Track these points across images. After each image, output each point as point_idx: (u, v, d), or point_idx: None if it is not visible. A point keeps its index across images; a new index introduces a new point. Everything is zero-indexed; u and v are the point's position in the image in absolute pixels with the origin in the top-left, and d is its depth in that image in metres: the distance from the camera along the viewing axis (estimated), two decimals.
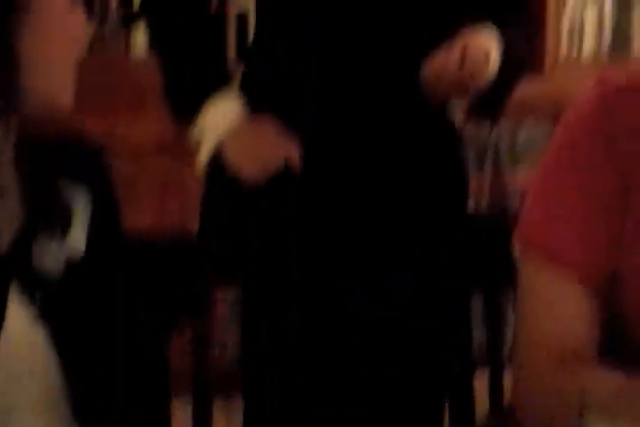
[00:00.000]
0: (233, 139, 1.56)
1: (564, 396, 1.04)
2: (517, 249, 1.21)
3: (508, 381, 1.26)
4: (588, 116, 1.16)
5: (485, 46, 1.52)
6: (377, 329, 1.61)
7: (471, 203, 3.40)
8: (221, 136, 1.55)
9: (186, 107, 1.60)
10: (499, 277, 1.51)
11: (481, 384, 1.59)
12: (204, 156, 1.59)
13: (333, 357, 1.59)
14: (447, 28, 1.59)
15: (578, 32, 4.13)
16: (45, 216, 1.07)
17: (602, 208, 1.14)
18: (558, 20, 3.82)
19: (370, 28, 1.58)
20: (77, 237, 1.10)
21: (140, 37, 3.38)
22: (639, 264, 1.14)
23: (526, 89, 3.48)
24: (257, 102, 1.60)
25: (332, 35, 1.58)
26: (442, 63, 1.49)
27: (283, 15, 1.61)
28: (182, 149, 1.75)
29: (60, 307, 1.06)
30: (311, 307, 1.58)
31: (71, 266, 1.08)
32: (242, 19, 3.03)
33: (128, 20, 3.42)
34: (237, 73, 1.71)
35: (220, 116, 1.56)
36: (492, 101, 1.57)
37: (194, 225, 1.67)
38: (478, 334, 1.64)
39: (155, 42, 1.72)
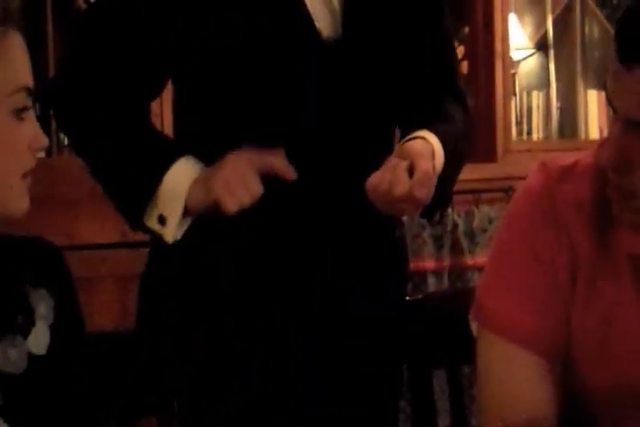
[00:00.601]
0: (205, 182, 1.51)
1: None
2: (474, 324, 1.24)
3: None
4: (533, 194, 1.21)
5: (431, 162, 1.44)
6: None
7: (433, 282, 3.44)
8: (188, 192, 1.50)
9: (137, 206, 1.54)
10: (462, 355, 1.53)
11: None
12: (173, 224, 1.52)
13: (333, 357, 1.58)
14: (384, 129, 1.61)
15: (526, 119, 4.23)
16: (7, 318, 1.08)
17: (552, 279, 1.18)
18: (507, 108, 3.91)
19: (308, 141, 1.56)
20: (40, 337, 1.12)
21: None
22: (588, 338, 1.17)
23: (480, 176, 3.57)
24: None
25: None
26: (386, 184, 1.40)
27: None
28: (142, 240, 1.73)
29: (22, 403, 1.07)
30: (311, 309, 1.57)
31: (34, 363, 1.09)
32: None
33: None
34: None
35: (179, 184, 1.51)
36: (436, 197, 1.48)
37: None
38: (443, 415, 1.65)
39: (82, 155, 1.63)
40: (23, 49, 1.10)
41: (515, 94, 4.14)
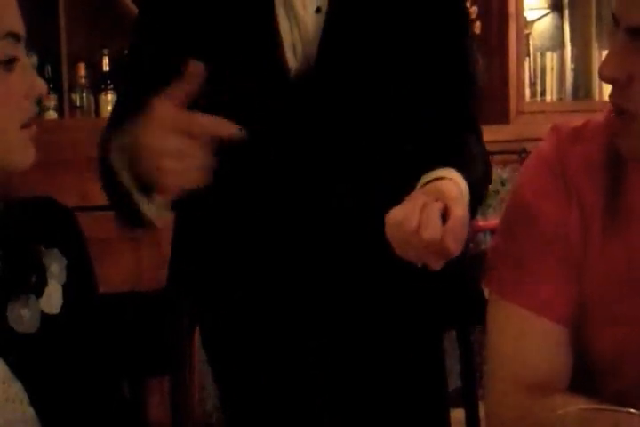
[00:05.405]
0: None
1: (535, 425, 1.06)
2: (485, 288, 1.24)
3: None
4: (544, 159, 1.21)
5: (466, 210, 1.23)
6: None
7: None
8: None
9: None
10: (472, 316, 1.54)
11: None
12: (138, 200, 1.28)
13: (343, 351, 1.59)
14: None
15: (540, 80, 4.20)
16: (20, 278, 1.09)
17: (564, 245, 1.18)
18: (520, 69, 3.89)
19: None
20: (53, 297, 1.12)
21: (109, 100, 3.44)
22: (601, 297, 1.17)
23: (493, 137, 3.55)
24: None
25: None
26: (414, 223, 1.18)
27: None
28: None
29: (35, 362, 1.08)
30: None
31: (47, 323, 1.10)
32: None
33: (97, 85, 3.46)
34: None
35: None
36: None
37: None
38: (454, 377, 1.66)
39: None
40: None
41: (528, 55, 4.11)
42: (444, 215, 1.19)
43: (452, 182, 1.28)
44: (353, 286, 1.55)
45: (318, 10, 1.47)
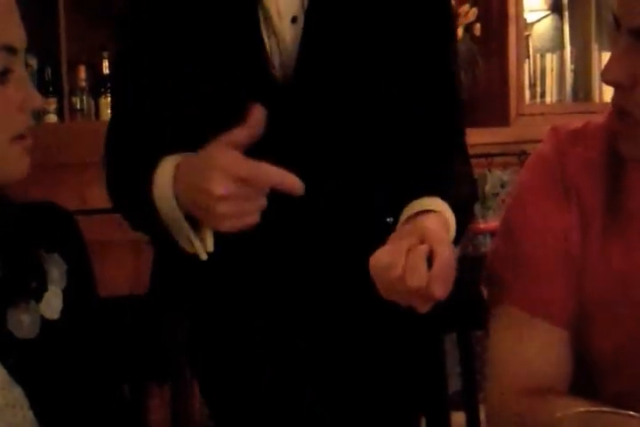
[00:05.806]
0: None
1: None
2: (485, 291, 1.24)
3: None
4: (544, 161, 1.22)
5: (452, 251, 1.16)
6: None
7: None
8: None
9: None
10: (473, 319, 1.54)
11: None
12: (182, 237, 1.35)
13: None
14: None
15: (540, 82, 4.21)
16: (20, 283, 1.09)
17: (564, 247, 1.18)
18: (520, 70, 3.89)
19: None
20: (53, 302, 1.12)
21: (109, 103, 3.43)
22: (602, 298, 1.17)
23: (493, 139, 3.56)
24: None
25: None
26: (399, 269, 1.13)
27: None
28: None
29: (35, 367, 1.08)
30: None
31: (47, 328, 1.11)
32: None
33: (97, 88, 3.47)
34: None
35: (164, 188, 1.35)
36: None
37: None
38: (454, 379, 1.67)
39: None
40: (5, 5, 1.05)
41: (528, 57, 4.12)
42: (430, 258, 1.14)
43: (438, 217, 1.25)
44: (347, 286, 1.53)
45: (294, 19, 1.46)
